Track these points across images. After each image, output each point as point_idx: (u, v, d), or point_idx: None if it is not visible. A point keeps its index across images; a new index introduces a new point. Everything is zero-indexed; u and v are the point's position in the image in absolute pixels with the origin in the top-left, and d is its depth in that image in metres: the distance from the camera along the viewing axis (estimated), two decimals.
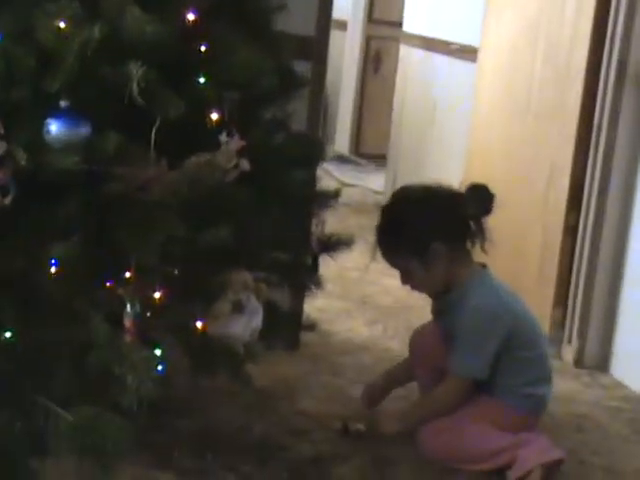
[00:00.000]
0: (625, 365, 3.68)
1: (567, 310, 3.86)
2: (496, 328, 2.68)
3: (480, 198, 2.70)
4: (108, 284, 2.20)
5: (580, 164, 3.80)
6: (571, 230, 3.85)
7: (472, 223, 2.70)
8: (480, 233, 2.70)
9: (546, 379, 2.81)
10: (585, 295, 3.77)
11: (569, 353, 3.81)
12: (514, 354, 2.70)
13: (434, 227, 2.69)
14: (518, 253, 4.12)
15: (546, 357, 2.83)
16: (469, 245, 2.73)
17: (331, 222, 2.85)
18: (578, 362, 3.76)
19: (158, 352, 2.18)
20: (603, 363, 3.75)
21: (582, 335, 3.78)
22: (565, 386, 3.53)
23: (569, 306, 3.84)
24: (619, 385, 3.61)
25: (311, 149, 2.79)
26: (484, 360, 2.68)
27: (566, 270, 3.87)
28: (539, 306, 3.89)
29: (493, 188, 2.74)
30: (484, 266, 2.77)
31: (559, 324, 3.89)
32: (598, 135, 3.72)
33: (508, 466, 2.68)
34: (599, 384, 3.61)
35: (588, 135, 3.77)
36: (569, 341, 3.83)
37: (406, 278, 2.76)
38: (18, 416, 2.12)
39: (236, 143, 2.30)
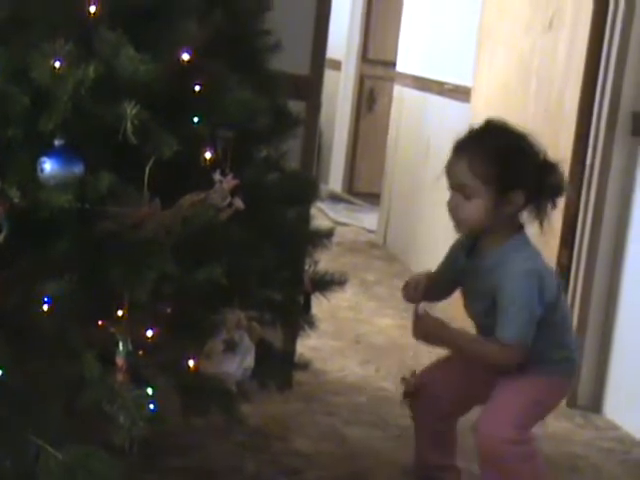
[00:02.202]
0: (618, 406, 3.67)
1: None
2: (542, 292, 2.57)
3: (561, 174, 2.62)
4: (100, 322, 2.20)
5: (573, 203, 3.81)
6: (564, 270, 3.85)
7: (548, 194, 2.61)
8: (552, 207, 2.62)
9: (574, 342, 2.74)
10: (578, 335, 3.77)
11: None
12: (549, 318, 2.60)
13: (530, 176, 2.57)
14: None
15: (570, 319, 2.76)
16: (532, 214, 2.62)
17: (324, 261, 2.85)
18: (571, 403, 3.75)
19: (150, 391, 2.16)
20: (596, 404, 3.75)
21: (575, 376, 3.77)
22: (559, 426, 3.52)
23: None
24: (612, 426, 3.60)
25: (305, 188, 2.80)
26: (529, 324, 2.54)
27: None
28: None
29: None
30: (521, 227, 2.67)
31: None
32: (590, 174, 3.74)
33: None
34: (592, 425, 3.60)
35: (580, 174, 3.78)
36: None
37: (460, 203, 2.58)
38: (8, 454, 2.11)
39: (230, 182, 2.30)
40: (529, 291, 2.55)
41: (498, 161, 2.55)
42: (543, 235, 2.67)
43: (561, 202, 3.65)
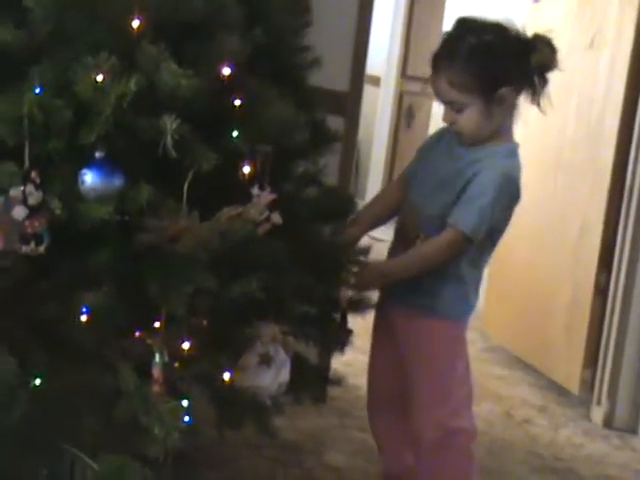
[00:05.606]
0: None
1: (597, 371, 3.83)
2: (510, 202, 2.51)
3: (546, 49, 2.53)
4: (137, 334, 2.21)
5: (611, 224, 3.79)
6: (601, 290, 3.83)
7: (536, 75, 2.53)
8: (542, 87, 2.54)
9: (478, 283, 2.66)
10: (615, 356, 3.75)
11: (598, 414, 3.77)
12: (486, 239, 2.54)
13: (512, 66, 2.49)
14: (546, 312, 4.11)
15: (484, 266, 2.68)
16: (530, 100, 2.55)
17: None
18: (607, 424, 3.73)
19: (185, 403, 2.18)
20: (633, 425, 3.72)
21: (612, 396, 3.75)
22: (594, 448, 3.50)
23: (599, 367, 3.82)
24: None
25: (342, 203, 2.80)
26: (487, 224, 2.48)
27: (596, 331, 3.85)
28: (568, 366, 3.86)
29: (523, 246, 2.70)
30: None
31: (588, 385, 3.86)
32: (630, 195, 3.72)
33: None
34: (629, 446, 3.58)
35: (620, 194, 3.77)
36: (598, 402, 3.80)
37: (454, 117, 2.53)
38: (44, 463, 2.12)
39: (267, 196, 2.32)
40: (502, 193, 2.48)
41: (474, 67, 2.47)
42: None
43: (598, 227, 3.63)
